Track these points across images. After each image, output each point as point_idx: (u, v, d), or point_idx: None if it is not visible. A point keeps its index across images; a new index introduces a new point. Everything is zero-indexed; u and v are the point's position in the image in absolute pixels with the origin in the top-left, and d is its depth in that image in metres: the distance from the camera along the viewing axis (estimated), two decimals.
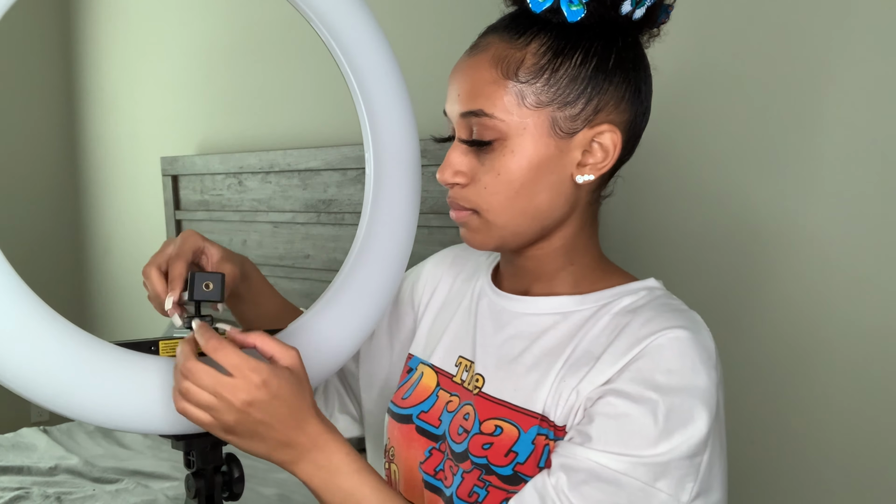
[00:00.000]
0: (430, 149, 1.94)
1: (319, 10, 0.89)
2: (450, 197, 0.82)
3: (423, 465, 0.86)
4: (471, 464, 0.80)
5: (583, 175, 0.78)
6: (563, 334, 0.80)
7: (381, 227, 0.93)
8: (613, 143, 0.78)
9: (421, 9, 2.21)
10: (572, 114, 0.77)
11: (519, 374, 0.81)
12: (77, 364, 0.71)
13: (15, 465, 2.26)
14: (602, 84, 0.77)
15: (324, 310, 0.89)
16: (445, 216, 1.98)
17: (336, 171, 2.42)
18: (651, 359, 0.73)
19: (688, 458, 0.72)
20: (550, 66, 0.76)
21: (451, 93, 0.81)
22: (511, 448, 0.78)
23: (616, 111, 0.78)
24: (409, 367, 0.94)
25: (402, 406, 0.91)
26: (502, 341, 0.84)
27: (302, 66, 2.62)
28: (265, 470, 2.19)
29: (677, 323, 0.75)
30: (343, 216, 2.42)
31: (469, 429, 0.82)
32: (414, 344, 0.95)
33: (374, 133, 0.92)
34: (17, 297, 0.69)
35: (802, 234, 1.48)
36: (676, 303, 0.80)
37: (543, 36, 0.76)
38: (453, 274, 0.97)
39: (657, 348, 0.73)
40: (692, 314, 0.78)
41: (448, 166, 0.80)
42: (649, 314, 0.76)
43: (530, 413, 0.78)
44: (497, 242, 0.82)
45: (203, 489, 0.80)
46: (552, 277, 0.84)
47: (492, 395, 0.82)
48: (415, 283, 1.00)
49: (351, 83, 0.92)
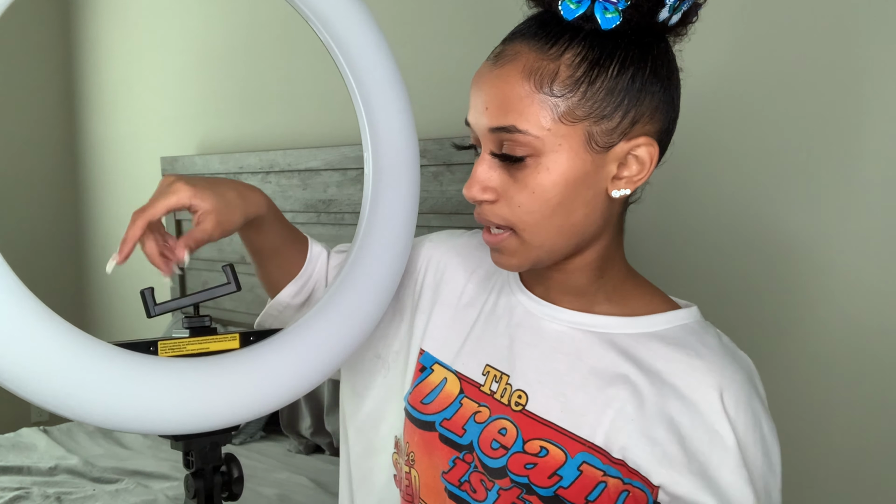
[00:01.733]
0: (430, 149, 1.94)
1: (319, 10, 0.89)
2: (479, 213, 0.78)
3: (446, 474, 0.84)
4: (510, 482, 0.78)
5: (618, 189, 0.75)
6: (612, 360, 0.79)
7: (381, 227, 0.92)
8: (650, 156, 0.74)
9: (421, 9, 2.21)
10: (609, 127, 0.73)
11: (567, 396, 0.78)
12: (75, 364, 0.71)
13: (15, 465, 2.27)
14: (639, 95, 0.73)
15: (324, 310, 0.89)
16: (445, 216, 1.97)
17: (336, 171, 2.42)
18: None
19: None
20: (587, 79, 0.72)
21: (477, 104, 0.76)
22: (556, 471, 0.76)
23: (651, 121, 0.74)
24: (423, 364, 0.90)
25: (422, 412, 0.87)
26: (543, 354, 0.81)
27: (302, 66, 2.62)
28: (265, 470, 2.19)
29: (734, 364, 0.77)
30: (343, 216, 2.42)
31: (508, 445, 0.79)
32: (426, 338, 0.91)
33: (374, 133, 0.92)
34: (15, 298, 0.69)
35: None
36: (731, 345, 0.81)
37: (577, 45, 0.72)
38: (467, 269, 0.93)
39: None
40: (746, 360, 0.80)
41: (475, 182, 0.76)
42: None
43: (581, 440, 0.76)
44: (532, 263, 0.78)
45: (202, 489, 0.80)
46: (584, 291, 0.81)
47: (537, 414, 0.79)
48: (430, 256, 0.97)
49: (350, 83, 0.92)
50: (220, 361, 0.80)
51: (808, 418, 1.49)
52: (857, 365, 1.43)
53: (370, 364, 0.97)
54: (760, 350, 1.53)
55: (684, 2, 0.73)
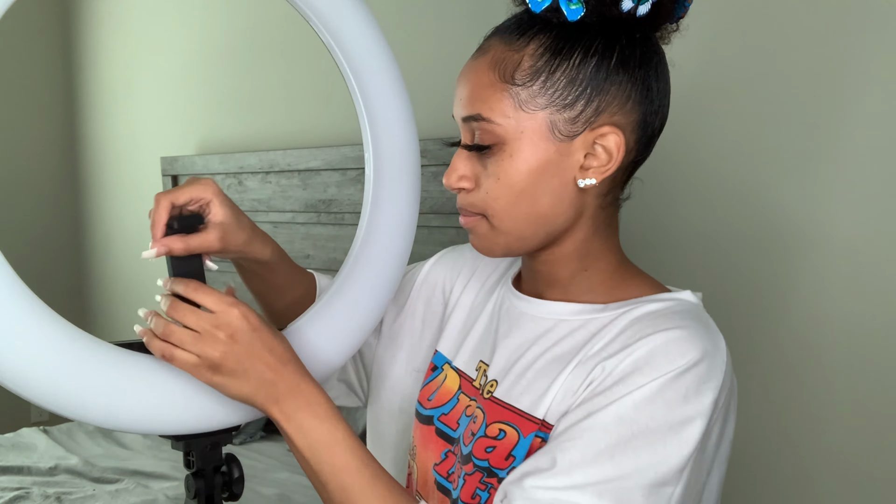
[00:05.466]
0: (430, 149, 1.94)
1: (319, 10, 0.89)
2: (458, 202, 0.82)
3: (437, 466, 0.86)
4: (473, 466, 0.80)
5: (585, 179, 0.76)
6: (576, 342, 0.78)
7: (381, 227, 0.93)
8: (617, 146, 0.75)
9: (421, 9, 2.21)
10: (572, 116, 0.74)
11: (529, 380, 0.79)
12: (76, 364, 0.71)
13: (15, 465, 2.27)
14: (603, 84, 0.74)
15: (324, 310, 0.89)
16: (445, 216, 1.98)
17: (336, 171, 2.42)
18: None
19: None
20: (547, 68, 0.74)
21: (456, 96, 0.80)
22: (511, 452, 0.77)
23: (621, 112, 0.75)
24: (434, 364, 0.93)
25: (426, 407, 0.90)
26: (516, 345, 0.83)
27: (302, 66, 2.62)
28: (265, 470, 2.19)
29: (676, 324, 0.72)
30: (343, 216, 2.42)
31: (476, 432, 0.81)
32: (442, 339, 0.94)
33: (374, 133, 0.92)
34: (15, 298, 0.69)
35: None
36: (704, 317, 0.76)
37: (542, 37, 0.74)
38: (483, 276, 0.96)
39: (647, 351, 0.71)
40: (713, 333, 0.74)
41: (452, 171, 0.80)
42: (659, 319, 0.73)
43: (532, 418, 0.77)
44: (503, 249, 0.80)
45: (203, 490, 0.80)
46: (567, 283, 0.82)
47: (501, 399, 0.81)
48: (450, 268, 0.99)
49: (351, 83, 0.92)
50: None
51: (808, 412, 1.49)
52: (854, 358, 1.43)
53: (413, 380, 0.99)
54: (757, 343, 1.53)
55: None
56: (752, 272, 1.55)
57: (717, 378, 0.71)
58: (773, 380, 1.53)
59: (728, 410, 0.74)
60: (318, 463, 0.74)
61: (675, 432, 0.69)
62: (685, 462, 0.69)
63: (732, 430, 0.76)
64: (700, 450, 0.70)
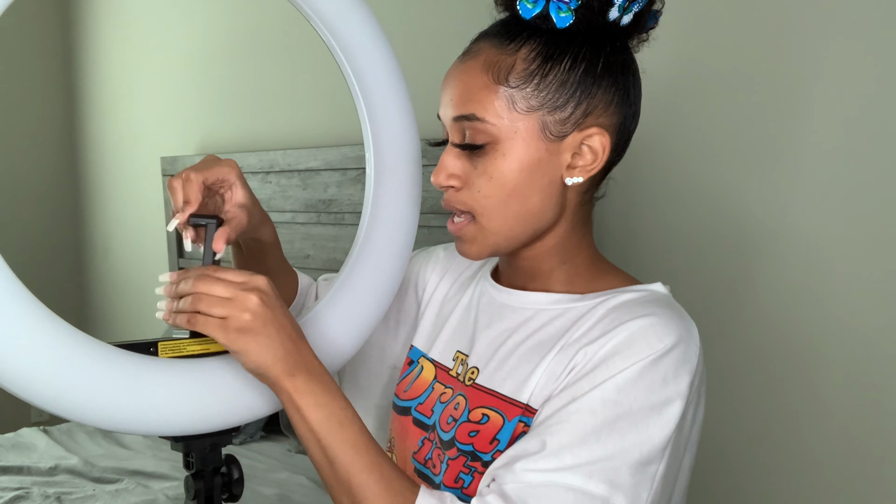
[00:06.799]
0: (431, 149, 1.94)
1: (320, 10, 0.89)
2: (445, 200, 0.83)
3: (415, 454, 0.89)
4: (457, 451, 0.82)
5: (572, 177, 0.80)
6: (557, 329, 0.81)
7: (382, 227, 0.93)
8: (602, 146, 0.79)
9: (421, 9, 2.21)
10: (562, 117, 0.78)
11: (511, 366, 0.82)
12: (75, 366, 0.71)
13: (15, 465, 2.27)
14: (591, 88, 0.78)
15: (324, 310, 0.89)
16: (445, 216, 1.98)
17: (336, 171, 2.42)
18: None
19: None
20: (540, 72, 0.78)
21: (444, 97, 0.82)
22: (495, 436, 0.79)
23: (605, 114, 0.79)
24: (411, 358, 0.96)
25: (403, 399, 0.93)
26: (497, 334, 0.86)
27: (302, 66, 2.62)
28: (265, 470, 2.19)
29: (652, 311, 0.75)
30: (343, 216, 2.42)
31: (458, 417, 0.84)
32: (417, 335, 0.98)
33: (375, 133, 0.92)
34: (15, 299, 0.69)
35: (794, 233, 1.48)
36: (676, 305, 0.80)
37: (533, 42, 0.78)
38: (456, 273, 1.00)
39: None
40: (686, 320, 0.77)
41: (442, 169, 0.82)
42: (636, 307, 0.77)
43: (516, 403, 0.79)
44: (491, 249, 0.83)
45: (202, 490, 0.80)
46: (547, 276, 0.86)
47: (484, 385, 0.83)
48: (423, 267, 1.03)
49: (351, 83, 0.92)
50: (219, 362, 0.80)
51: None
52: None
53: (388, 376, 1.03)
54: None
55: (634, 3, 0.78)
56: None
57: (692, 361, 0.75)
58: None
59: (700, 395, 0.78)
60: (329, 438, 0.75)
61: (657, 413, 0.72)
62: (667, 441, 0.73)
63: (702, 414, 0.80)
64: (678, 430, 0.74)
